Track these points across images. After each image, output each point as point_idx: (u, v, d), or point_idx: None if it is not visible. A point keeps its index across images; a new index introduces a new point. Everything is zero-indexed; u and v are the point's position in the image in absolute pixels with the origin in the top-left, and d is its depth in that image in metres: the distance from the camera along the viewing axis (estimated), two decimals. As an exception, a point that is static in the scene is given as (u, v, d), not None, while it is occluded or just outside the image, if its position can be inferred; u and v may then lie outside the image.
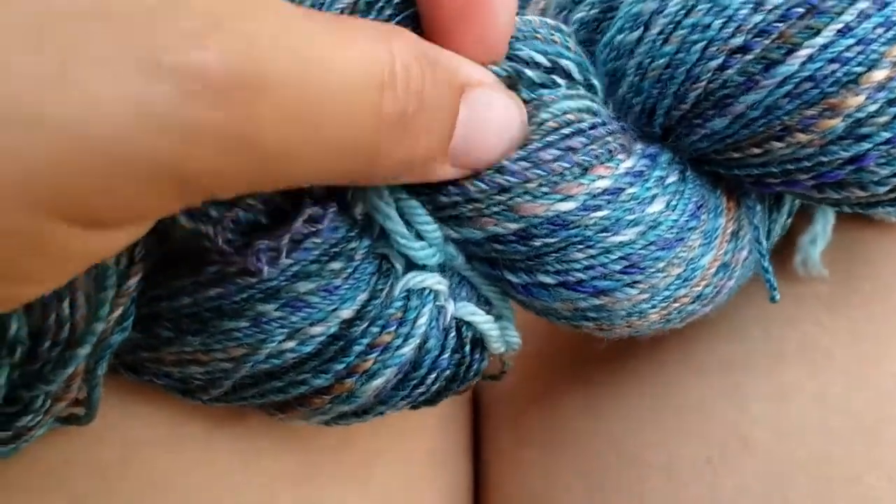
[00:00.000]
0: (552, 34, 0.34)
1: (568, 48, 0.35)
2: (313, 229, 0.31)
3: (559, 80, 0.34)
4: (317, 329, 0.32)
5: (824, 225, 0.41)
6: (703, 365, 0.42)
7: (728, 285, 0.38)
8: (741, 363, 0.41)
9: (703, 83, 0.33)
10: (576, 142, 0.33)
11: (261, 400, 0.34)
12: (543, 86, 0.34)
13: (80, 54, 0.20)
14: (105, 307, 0.30)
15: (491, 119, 0.31)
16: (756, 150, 0.35)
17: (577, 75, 0.34)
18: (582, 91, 0.35)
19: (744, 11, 0.33)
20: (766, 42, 0.33)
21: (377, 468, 0.41)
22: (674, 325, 0.38)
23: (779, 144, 0.34)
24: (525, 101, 0.33)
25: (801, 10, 0.32)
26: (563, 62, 0.34)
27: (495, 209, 0.33)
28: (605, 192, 0.33)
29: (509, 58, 0.33)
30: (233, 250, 0.30)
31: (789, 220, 0.41)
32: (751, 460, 0.38)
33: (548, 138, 0.33)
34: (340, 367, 0.33)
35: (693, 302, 0.37)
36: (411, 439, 0.43)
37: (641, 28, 0.34)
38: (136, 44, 0.21)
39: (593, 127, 0.33)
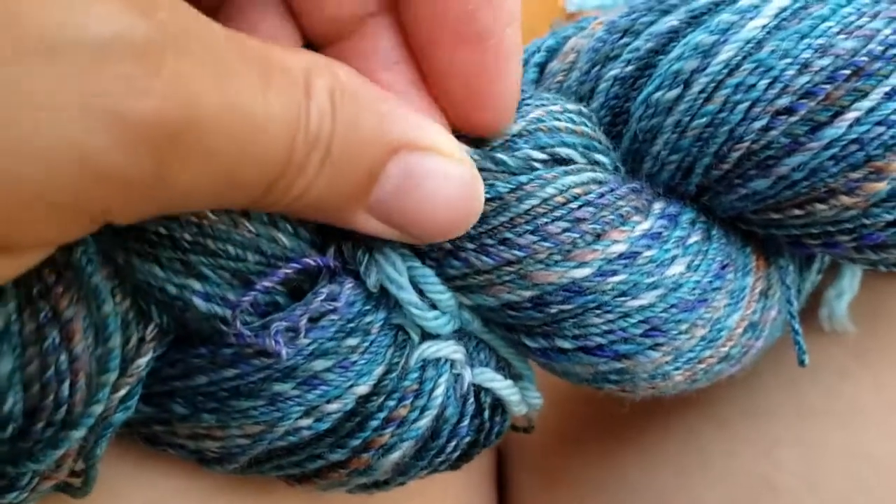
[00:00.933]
0: (556, 120, 0.33)
1: (573, 132, 0.33)
2: (331, 307, 0.30)
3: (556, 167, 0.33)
4: (333, 406, 0.31)
5: (851, 280, 0.40)
6: (726, 414, 0.41)
7: (757, 345, 0.37)
8: (766, 413, 0.40)
9: (747, 143, 0.32)
10: (584, 212, 0.32)
11: (278, 472, 0.33)
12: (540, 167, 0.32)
13: (20, 94, 0.20)
14: (104, 390, 0.29)
15: (434, 187, 0.28)
16: (798, 212, 0.33)
17: (579, 159, 0.33)
18: (584, 166, 0.33)
19: (790, 72, 0.31)
20: (813, 104, 0.31)
21: None
22: (700, 385, 0.36)
23: (822, 206, 0.33)
24: (525, 183, 0.31)
25: (847, 71, 0.31)
26: (563, 151, 0.33)
27: (507, 278, 0.32)
28: (621, 256, 0.32)
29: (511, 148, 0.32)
30: (250, 333, 0.29)
31: (819, 276, 0.40)
32: None
33: (556, 213, 0.31)
34: (357, 442, 0.32)
35: (720, 362, 0.36)
36: (435, 482, 0.41)
37: (681, 86, 0.32)
38: (78, 88, 0.20)
39: (601, 196, 0.32)
